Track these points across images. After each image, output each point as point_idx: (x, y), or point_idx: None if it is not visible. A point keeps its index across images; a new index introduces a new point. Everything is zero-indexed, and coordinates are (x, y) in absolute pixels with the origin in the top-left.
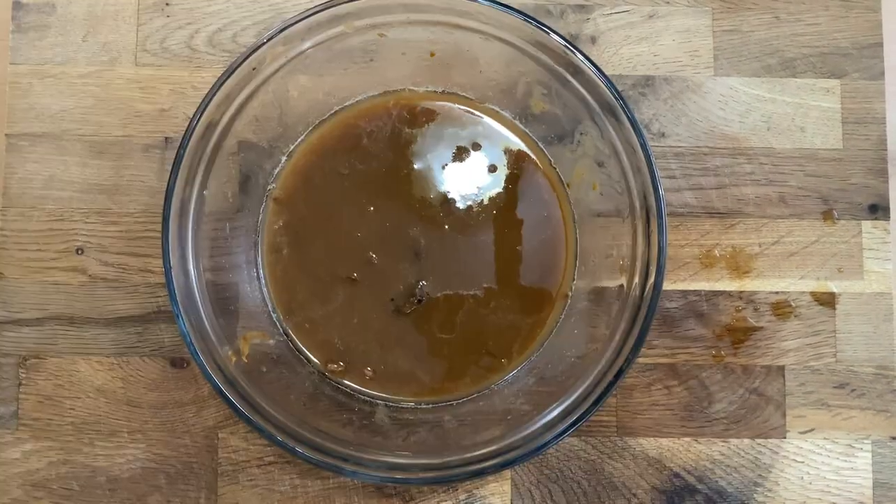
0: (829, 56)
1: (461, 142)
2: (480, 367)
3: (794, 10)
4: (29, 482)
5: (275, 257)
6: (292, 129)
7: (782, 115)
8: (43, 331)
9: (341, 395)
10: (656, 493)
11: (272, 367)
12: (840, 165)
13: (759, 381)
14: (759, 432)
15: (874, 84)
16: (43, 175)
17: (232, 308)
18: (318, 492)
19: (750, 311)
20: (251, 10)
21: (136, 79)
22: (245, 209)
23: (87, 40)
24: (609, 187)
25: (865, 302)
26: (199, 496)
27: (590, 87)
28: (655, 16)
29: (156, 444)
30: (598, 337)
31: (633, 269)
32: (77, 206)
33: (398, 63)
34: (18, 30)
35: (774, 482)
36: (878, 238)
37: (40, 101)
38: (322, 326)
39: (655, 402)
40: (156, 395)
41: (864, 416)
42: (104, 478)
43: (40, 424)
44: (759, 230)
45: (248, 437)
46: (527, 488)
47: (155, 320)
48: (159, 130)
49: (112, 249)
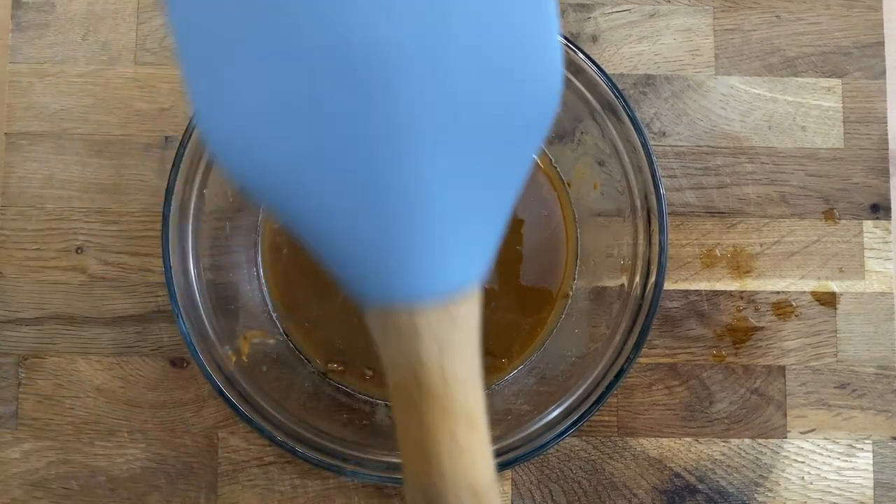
0: (830, 55)
1: None
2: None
3: (796, 10)
4: (28, 482)
5: (275, 256)
6: None
7: (783, 115)
8: (42, 330)
9: (341, 394)
10: (657, 493)
11: (272, 366)
12: (841, 165)
13: (759, 381)
14: (760, 432)
15: (875, 83)
16: (42, 174)
17: (232, 307)
18: (318, 492)
19: (751, 311)
20: None
21: (135, 77)
22: (245, 208)
23: (86, 39)
24: (610, 186)
25: (867, 302)
26: (199, 496)
27: (590, 85)
28: (656, 15)
29: (155, 443)
30: (598, 337)
31: (633, 269)
32: (76, 206)
33: None
34: (18, 28)
35: (775, 482)
36: (880, 238)
37: (40, 99)
38: (322, 326)
39: (656, 401)
40: (155, 395)
41: (865, 417)
42: (104, 477)
43: (40, 424)
44: (760, 230)
45: (248, 437)
46: (527, 488)
47: (155, 320)
48: (159, 129)
49: (112, 249)
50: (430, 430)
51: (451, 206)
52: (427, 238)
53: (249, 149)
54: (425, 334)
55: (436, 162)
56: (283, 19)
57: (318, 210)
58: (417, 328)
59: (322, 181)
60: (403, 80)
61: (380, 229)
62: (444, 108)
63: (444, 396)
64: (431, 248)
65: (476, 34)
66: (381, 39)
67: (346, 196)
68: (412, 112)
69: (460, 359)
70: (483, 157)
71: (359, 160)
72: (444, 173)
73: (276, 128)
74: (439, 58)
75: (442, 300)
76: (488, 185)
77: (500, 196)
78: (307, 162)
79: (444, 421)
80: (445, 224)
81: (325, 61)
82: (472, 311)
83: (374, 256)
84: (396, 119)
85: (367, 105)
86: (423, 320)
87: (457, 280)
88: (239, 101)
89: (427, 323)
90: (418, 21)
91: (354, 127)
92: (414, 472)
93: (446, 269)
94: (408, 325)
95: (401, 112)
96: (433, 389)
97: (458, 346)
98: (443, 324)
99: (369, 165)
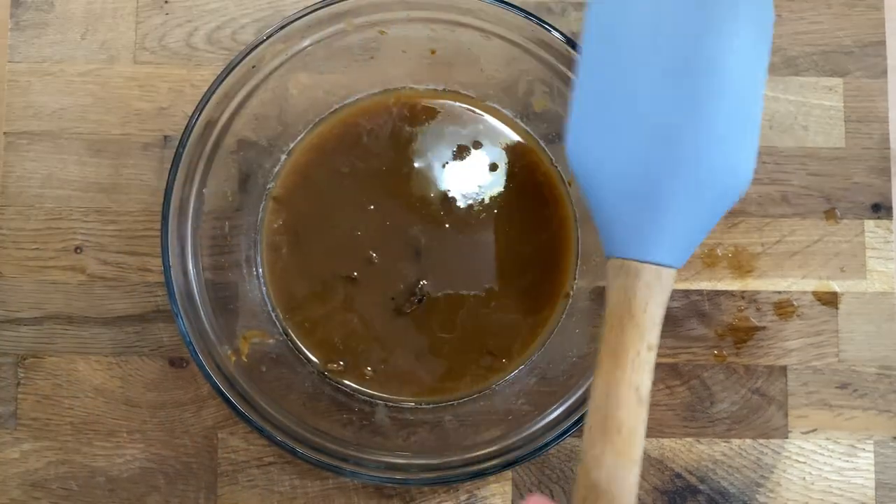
0: (831, 54)
1: (462, 140)
2: (481, 367)
3: (797, 9)
4: (28, 482)
5: (274, 256)
6: (292, 128)
7: (785, 114)
8: (41, 330)
9: (341, 394)
10: (658, 493)
11: (272, 366)
12: (843, 164)
13: (761, 381)
14: (762, 432)
15: (877, 82)
16: (41, 173)
17: (231, 307)
18: (318, 492)
19: (752, 311)
20: (250, 8)
21: (134, 77)
22: (244, 208)
23: (85, 38)
24: None
25: (868, 301)
26: (199, 496)
27: None
28: None
29: (155, 444)
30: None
31: None
32: (75, 205)
33: (399, 61)
34: (17, 27)
35: (776, 482)
36: (881, 237)
37: (38, 99)
38: (322, 326)
39: (657, 402)
40: (155, 395)
41: (866, 417)
42: (103, 478)
43: (39, 424)
44: (762, 229)
45: (248, 437)
46: (528, 489)
47: (154, 319)
48: (158, 129)
49: (111, 248)
50: (625, 342)
51: (677, 219)
52: (663, 230)
53: (604, 162)
54: (643, 279)
55: (678, 191)
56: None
57: (614, 196)
58: (640, 273)
59: (623, 182)
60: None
61: (639, 214)
62: (697, 160)
63: (640, 324)
64: (662, 236)
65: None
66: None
67: (627, 191)
68: (691, 145)
69: (653, 304)
70: (700, 200)
71: (644, 173)
72: (679, 199)
73: (622, 149)
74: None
75: (658, 267)
76: (697, 217)
77: (702, 225)
78: (625, 167)
79: (634, 339)
80: (672, 227)
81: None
82: (670, 281)
83: (633, 227)
84: (682, 152)
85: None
86: (645, 271)
87: (669, 259)
88: (608, 135)
89: (647, 274)
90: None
91: (657, 143)
92: (605, 373)
93: (665, 251)
94: (636, 271)
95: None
96: (635, 315)
97: (656, 296)
98: (653, 279)
99: (650, 178)
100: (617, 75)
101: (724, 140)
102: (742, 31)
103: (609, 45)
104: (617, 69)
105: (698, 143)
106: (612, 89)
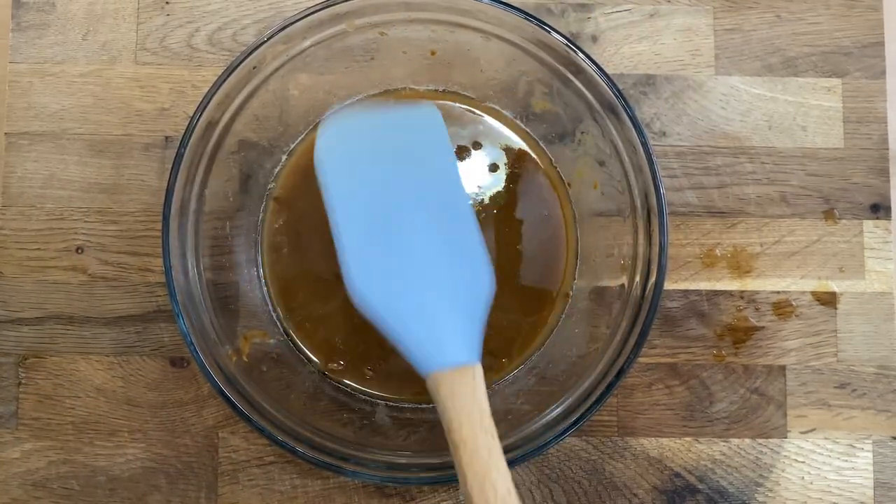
0: (830, 55)
1: (462, 141)
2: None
3: (796, 9)
4: (29, 482)
5: (275, 256)
6: (293, 128)
7: (784, 115)
8: (42, 330)
9: (342, 394)
10: (657, 493)
11: (272, 366)
12: (841, 165)
13: (760, 380)
14: (760, 432)
15: (876, 83)
16: (42, 174)
17: (232, 307)
18: (318, 492)
19: (751, 311)
20: (251, 9)
21: (135, 77)
22: (245, 208)
23: (86, 39)
24: (610, 186)
25: (867, 301)
26: (199, 496)
27: (591, 85)
28: (656, 14)
29: (156, 443)
30: (598, 336)
31: (634, 269)
32: (77, 205)
33: (399, 62)
34: (18, 28)
35: (775, 482)
36: (880, 237)
37: (40, 99)
38: (322, 326)
39: (656, 401)
40: (156, 395)
41: (865, 416)
42: (104, 477)
43: (40, 424)
44: (761, 229)
45: (248, 436)
46: (527, 488)
47: (155, 319)
48: (159, 129)
49: (112, 248)
50: (475, 437)
51: (446, 327)
52: (441, 338)
53: (377, 286)
54: (463, 378)
55: (447, 308)
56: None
57: (395, 317)
58: (456, 376)
59: (401, 303)
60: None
61: (421, 332)
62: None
63: (478, 415)
64: (443, 343)
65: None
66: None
67: (412, 316)
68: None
69: (479, 393)
70: (455, 309)
71: (416, 296)
72: (452, 314)
73: (392, 276)
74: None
75: (455, 366)
76: (460, 319)
77: (469, 325)
78: (398, 287)
79: (478, 432)
80: (445, 333)
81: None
82: (481, 373)
83: (423, 344)
84: (438, 275)
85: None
86: (460, 373)
87: (458, 359)
88: (377, 264)
89: (464, 374)
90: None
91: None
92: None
93: (450, 353)
94: (451, 376)
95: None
96: (472, 413)
97: (479, 387)
98: (468, 377)
99: (420, 301)
100: (365, 212)
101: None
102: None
103: (348, 184)
104: (362, 207)
105: (452, 267)
106: (367, 228)
